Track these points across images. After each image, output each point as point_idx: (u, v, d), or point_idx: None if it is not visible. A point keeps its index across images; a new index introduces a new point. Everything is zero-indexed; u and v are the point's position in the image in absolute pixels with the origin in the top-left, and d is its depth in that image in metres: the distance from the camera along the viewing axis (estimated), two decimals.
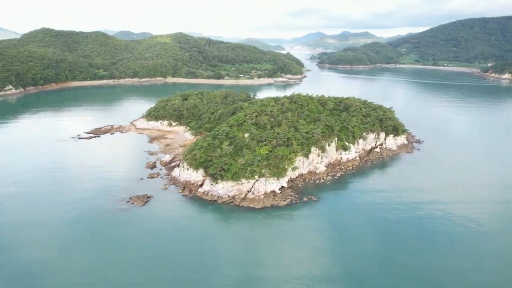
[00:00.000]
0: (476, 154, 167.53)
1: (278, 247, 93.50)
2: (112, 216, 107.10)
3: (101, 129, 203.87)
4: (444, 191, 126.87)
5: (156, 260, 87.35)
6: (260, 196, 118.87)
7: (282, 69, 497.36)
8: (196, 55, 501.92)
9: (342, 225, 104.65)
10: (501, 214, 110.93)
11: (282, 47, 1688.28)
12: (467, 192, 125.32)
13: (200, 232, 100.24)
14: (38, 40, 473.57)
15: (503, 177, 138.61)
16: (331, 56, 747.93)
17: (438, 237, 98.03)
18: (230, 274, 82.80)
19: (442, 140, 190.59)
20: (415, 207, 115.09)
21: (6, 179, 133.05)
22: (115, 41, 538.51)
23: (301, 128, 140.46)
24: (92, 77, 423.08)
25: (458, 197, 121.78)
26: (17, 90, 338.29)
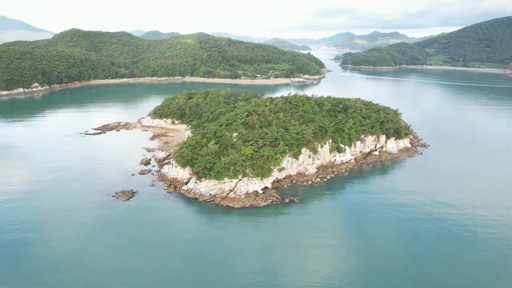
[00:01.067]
0: (484, 162, 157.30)
1: (238, 247, 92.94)
2: (94, 209, 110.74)
3: (108, 126, 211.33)
4: (430, 198, 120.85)
5: (117, 253, 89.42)
6: (241, 196, 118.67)
7: (300, 69, 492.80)
8: (215, 54, 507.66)
9: (316, 227, 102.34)
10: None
11: (308, 47, 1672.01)
12: (456, 203, 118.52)
13: (169, 228, 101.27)
14: (66, 40, 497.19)
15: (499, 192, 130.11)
16: (354, 57, 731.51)
17: (414, 240, 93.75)
18: (173, 266, 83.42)
19: (450, 146, 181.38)
20: (396, 210, 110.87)
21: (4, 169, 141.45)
22: (138, 41, 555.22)
23: (291, 129, 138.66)
24: (113, 76, 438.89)
25: (443, 207, 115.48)
26: (42, 88, 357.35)
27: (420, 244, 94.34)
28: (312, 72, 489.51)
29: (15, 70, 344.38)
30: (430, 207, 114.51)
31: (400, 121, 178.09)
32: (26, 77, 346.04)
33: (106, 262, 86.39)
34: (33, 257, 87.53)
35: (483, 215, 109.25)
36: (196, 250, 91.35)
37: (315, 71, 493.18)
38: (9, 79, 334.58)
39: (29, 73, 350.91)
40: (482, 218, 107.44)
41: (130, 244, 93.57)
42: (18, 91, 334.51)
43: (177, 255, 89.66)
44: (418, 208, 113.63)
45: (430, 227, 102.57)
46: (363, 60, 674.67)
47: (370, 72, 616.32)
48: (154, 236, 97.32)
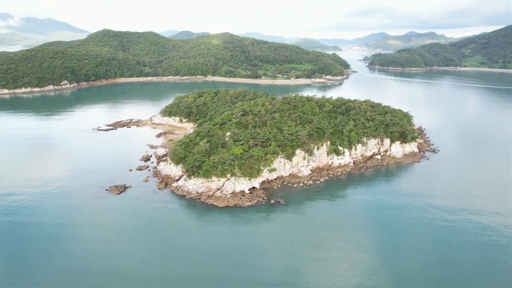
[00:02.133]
0: (493, 172, 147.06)
1: (207, 243, 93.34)
2: (85, 202, 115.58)
3: (120, 122, 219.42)
4: (421, 203, 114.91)
5: (87, 243, 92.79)
6: (227, 195, 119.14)
7: (322, 69, 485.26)
8: (238, 54, 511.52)
9: (295, 229, 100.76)
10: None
11: (339, 48, 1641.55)
12: (451, 215, 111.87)
13: (148, 223, 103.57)
14: (97, 40, 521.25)
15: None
16: (382, 58, 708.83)
17: (393, 250, 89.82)
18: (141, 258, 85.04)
19: (463, 153, 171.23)
20: (382, 213, 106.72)
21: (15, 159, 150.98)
22: (165, 41, 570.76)
23: (286, 130, 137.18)
24: (138, 74, 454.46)
25: (436, 218, 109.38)
26: (71, 85, 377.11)
27: (401, 250, 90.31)
28: (334, 72, 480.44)
29: (47, 68, 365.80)
30: (419, 211, 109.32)
31: (408, 124, 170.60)
32: (57, 75, 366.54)
33: (76, 252, 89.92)
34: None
35: (474, 225, 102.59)
36: (166, 245, 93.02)
37: (338, 72, 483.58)
38: (41, 77, 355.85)
39: (59, 71, 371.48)
40: (472, 228, 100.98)
41: (103, 236, 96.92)
42: (48, 88, 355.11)
43: (146, 249, 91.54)
44: (404, 212, 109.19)
45: (415, 232, 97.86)
46: (391, 61, 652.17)
47: (397, 74, 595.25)
48: (130, 229, 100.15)
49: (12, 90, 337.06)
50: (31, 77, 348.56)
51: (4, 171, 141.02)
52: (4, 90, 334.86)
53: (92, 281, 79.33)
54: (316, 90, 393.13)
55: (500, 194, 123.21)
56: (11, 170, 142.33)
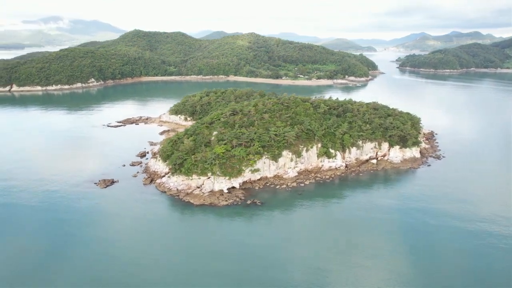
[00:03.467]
0: (493, 182, 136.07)
1: (172, 239, 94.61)
2: (70, 192, 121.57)
3: (130, 119, 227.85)
4: (398, 212, 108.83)
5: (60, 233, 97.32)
6: (205, 194, 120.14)
7: (346, 70, 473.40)
8: (261, 54, 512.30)
9: (260, 230, 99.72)
10: None
11: (374, 48, 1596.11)
12: (433, 220, 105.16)
13: (117, 215, 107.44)
14: (127, 40, 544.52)
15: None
16: (413, 59, 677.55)
17: (361, 259, 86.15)
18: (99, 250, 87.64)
19: (470, 161, 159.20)
20: (353, 223, 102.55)
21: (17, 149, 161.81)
22: (191, 41, 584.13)
23: (272, 130, 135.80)
24: (162, 73, 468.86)
25: (416, 223, 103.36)
26: (97, 83, 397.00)
27: (366, 253, 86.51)
28: (358, 74, 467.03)
29: (76, 67, 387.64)
30: (394, 219, 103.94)
31: (410, 128, 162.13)
32: (85, 74, 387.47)
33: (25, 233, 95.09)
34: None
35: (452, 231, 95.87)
36: (122, 236, 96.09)
37: (362, 73, 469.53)
38: (71, 75, 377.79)
39: (87, 70, 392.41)
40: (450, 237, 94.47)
41: (68, 222, 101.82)
42: (77, 86, 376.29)
43: (100, 238, 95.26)
44: (379, 217, 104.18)
45: (386, 236, 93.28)
46: (423, 63, 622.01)
47: (429, 76, 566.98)
48: (101, 221, 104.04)
49: (45, 87, 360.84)
50: (61, 75, 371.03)
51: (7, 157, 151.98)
52: (37, 87, 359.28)
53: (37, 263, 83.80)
54: (335, 91, 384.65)
55: (490, 209, 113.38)
56: (14, 157, 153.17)
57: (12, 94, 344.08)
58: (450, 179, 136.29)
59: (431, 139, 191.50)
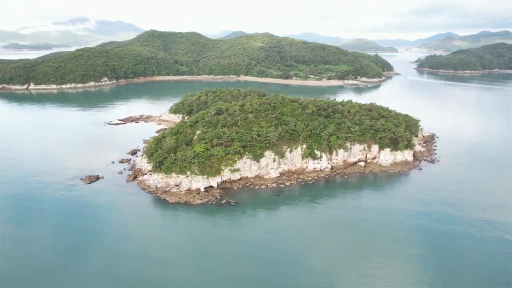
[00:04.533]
0: (483, 190, 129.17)
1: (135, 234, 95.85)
2: (54, 187, 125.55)
3: (131, 118, 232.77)
4: (365, 219, 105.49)
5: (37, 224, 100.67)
6: (181, 192, 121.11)
7: (358, 71, 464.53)
8: (273, 54, 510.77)
9: (224, 230, 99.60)
10: None
11: (395, 49, 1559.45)
12: (402, 228, 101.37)
13: (92, 209, 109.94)
14: (142, 40, 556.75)
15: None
16: (432, 59, 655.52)
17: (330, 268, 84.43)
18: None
19: (466, 166, 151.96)
20: (316, 223, 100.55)
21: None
22: (205, 41, 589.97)
23: (255, 131, 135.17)
24: (174, 73, 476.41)
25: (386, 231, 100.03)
26: (110, 82, 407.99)
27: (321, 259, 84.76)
28: (370, 74, 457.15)
29: (90, 66, 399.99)
30: (369, 220, 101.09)
31: (403, 130, 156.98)
32: (98, 73, 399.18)
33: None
34: None
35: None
36: (91, 231, 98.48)
37: (375, 74, 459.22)
38: (84, 74, 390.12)
39: (100, 69, 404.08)
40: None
41: (43, 218, 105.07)
42: (90, 84, 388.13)
43: (67, 232, 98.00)
44: (353, 222, 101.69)
45: (347, 247, 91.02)
46: (442, 64, 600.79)
47: (448, 77, 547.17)
48: (70, 213, 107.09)
49: (59, 85, 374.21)
50: (75, 74, 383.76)
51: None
52: (53, 85, 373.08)
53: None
54: (344, 91, 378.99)
55: (467, 219, 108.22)
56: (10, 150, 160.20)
57: (30, 92, 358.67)
58: (436, 184, 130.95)
59: (430, 142, 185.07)
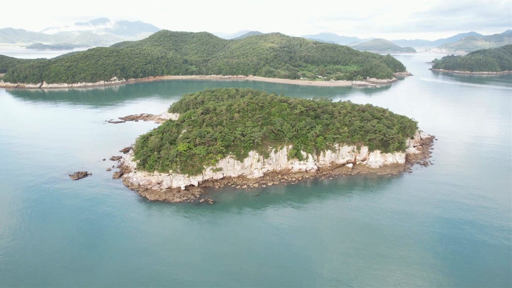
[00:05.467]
0: (470, 198, 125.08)
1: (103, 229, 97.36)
2: (43, 181, 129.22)
3: (131, 116, 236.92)
4: (335, 224, 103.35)
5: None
6: (162, 190, 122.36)
7: (367, 71, 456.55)
8: (282, 54, 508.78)
9: (191, 229, 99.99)
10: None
11: (413, 49, 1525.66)
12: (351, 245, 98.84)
13: (73, 204, 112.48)
14: (154, 40, 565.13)
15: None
16: (447, 60, 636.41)
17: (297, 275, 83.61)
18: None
19: (459, 170, 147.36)
20: (291, 229, 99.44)
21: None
22: (216, 40, 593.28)
23: (239, 130, 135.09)
24: (183, 72, 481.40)
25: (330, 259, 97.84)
26: (119, 81, 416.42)
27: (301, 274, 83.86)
28: (380, 75, 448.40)
29: (100, 65, 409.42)
30: (345, 223, 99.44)
31: (395, 132, 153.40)
32: (108, 72, 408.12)
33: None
34: None
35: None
36: (65, 224, 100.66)
37: (384, 75, 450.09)
38: (94, 73, 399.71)
39: (110, 68, 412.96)
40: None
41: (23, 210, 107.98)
42: (99, 83, 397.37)
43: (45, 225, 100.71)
44: (317, 226, 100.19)
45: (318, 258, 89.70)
46: (458, 64, 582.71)
47: (463, 78, 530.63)
48: (53, 208, 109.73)
49: (70, 84, 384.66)
50: (86, 73, 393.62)
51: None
52: (64, 84, 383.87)
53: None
54: (350, 92, 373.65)
55: (443, 230, 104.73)
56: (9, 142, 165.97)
57: (42, 90, 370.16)
58: (420, 190, 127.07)
59: (427, 145, 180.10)
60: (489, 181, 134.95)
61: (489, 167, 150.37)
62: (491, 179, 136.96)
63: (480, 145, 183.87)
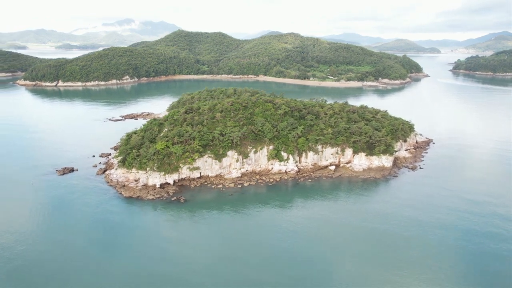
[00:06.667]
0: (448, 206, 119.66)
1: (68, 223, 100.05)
2: (29, 175, 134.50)
3: (132, 115, 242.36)
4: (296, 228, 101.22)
5: None
6: (138, 187, 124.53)
7: (380, 72, 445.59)
8: (294, 55, 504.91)
9: (159, 228, 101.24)
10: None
11: (437, 50, 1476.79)
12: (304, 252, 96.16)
13: (49, 197, 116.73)
14: (169, 40, 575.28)
15: None
16: (470, 61, 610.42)
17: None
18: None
19: (448, 177, 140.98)
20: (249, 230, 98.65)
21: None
22: (230, 40, 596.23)
23: (217, 130, 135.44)
24: (195, 72, 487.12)
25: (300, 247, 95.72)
26: (131, 80, 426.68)
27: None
28: (392, 76, 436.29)
29: (113, 65, 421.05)
30: (289, 229, 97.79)
31: (383, 134, 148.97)
32: (120, 71, 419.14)
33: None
34: None
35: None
36: (38, 217, 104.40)
37: (397, 76, 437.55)
38: (107, 72, 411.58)
39: (123, 68, 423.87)
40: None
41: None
42: (112, 82, 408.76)
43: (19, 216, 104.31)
44: (272, 231, 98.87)
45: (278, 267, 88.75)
46: (480, 65, 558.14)
47: (485, 80, 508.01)
48: (30, 200, 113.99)
49: (84, 83, 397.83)
50: (99, 72, 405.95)
51: None
52: (78, 83, 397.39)
53: None
54: (357, 93, 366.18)
55: (416, 229, 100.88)
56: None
57: (58, 89, 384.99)
58: (397, 197, 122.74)
59: (422, 148, 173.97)
60: (476, 185, 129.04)
61: (481, 171, 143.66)
62: (478, 183, 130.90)
63: (480, 149, 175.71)
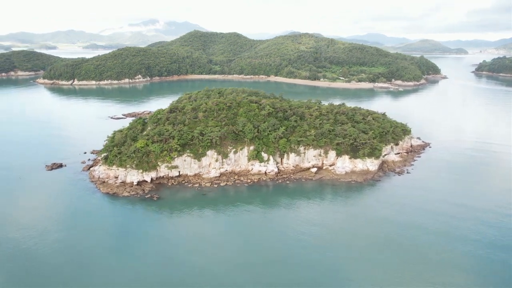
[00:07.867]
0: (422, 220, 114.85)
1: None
2: (16, 170, 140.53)
3: (133, 113, 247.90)
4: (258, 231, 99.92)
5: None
6: (116, 184, 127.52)
7: (393, 73, 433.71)
8: (306, 55, 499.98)
9: (121, 223, 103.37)
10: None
11: (464, 50, 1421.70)
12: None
13: (30, 189, 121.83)
14: (183, 40, 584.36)
15: None
16: (494, 62, 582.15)
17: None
18: None
19: (437, 184, 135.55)
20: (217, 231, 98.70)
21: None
22: (244, 41, 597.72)
23: (197, 129, 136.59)
24: (207, 72, 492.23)
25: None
26: (144, 79, 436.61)
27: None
28: (406, 77, 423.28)
29: (126, 64, 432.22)
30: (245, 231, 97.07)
31: (369, 137, 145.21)
32: (133, 70, 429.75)
33: None
34: None
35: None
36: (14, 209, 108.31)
37: (411, 77, 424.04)
38: (120, 71, 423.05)
39: (135, 67, 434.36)
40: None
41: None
42: (124, 81, 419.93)
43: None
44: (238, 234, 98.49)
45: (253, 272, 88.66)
46: (505, 67, 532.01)
47: (509, 83, 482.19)
48: (12, 193, 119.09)
49: (98, 82, 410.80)
50: (112, 72, 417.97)
51: None
52: (92, 81, 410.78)
53: None
54: (365, 94, 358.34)
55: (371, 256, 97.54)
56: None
57: (73, 87, 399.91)
58: (378, 200, 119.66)
59: (416, 152, 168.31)
60: (462, 190, 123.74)
61: (471, 175, 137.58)
62: (466, 189, 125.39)
63: (479, 153, 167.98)
